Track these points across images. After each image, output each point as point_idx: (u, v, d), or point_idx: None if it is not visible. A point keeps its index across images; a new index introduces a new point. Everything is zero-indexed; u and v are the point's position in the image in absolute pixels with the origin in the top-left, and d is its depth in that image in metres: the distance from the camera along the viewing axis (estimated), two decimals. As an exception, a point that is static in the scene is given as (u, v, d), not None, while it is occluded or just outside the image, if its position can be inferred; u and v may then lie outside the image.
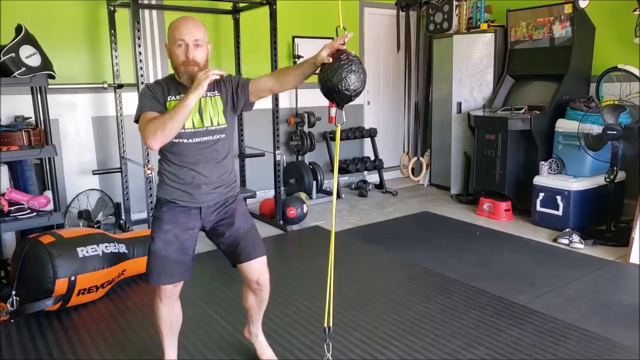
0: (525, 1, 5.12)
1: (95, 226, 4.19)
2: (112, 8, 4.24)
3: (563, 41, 4.78)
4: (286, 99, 5.62)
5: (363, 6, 6.18)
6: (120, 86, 4.35)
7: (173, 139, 1.94)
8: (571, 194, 4.31)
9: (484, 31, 5.36)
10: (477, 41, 5.39)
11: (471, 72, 5.49)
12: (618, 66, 4.51)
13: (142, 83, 3.70)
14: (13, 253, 3.10)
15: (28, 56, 3.29)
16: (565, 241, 4.08)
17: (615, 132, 3.98)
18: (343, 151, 6.18)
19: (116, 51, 4.32)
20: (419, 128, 6.13)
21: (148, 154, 3.77)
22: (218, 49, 4.97)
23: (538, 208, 4.54)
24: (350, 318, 2.86)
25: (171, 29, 1.98)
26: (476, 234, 4.43)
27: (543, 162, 4.57)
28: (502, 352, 2.49)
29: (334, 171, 2.05)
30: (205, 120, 2.02)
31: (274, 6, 4.27)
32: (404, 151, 6.17)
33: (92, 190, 4.41)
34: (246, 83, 2.08)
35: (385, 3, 6.29)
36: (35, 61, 3.32)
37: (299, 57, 5.50)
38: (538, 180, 4.53)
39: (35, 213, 3.35)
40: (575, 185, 4.33)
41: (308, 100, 5.62)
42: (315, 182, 5.53)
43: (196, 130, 1.99)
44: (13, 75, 3.24)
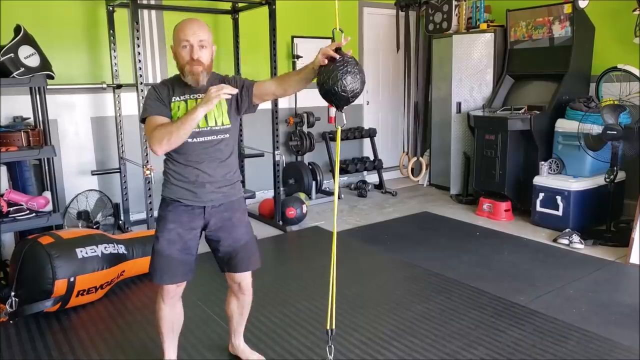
0: (524, 1, 5.12)
1: (94, 227, 4.19)
2: (111, 8, 4.24)
3: (563, 41, 4.78)
4: (285, 99, 5.61)
5: (362, 6, 6.17)
6: (119, 86, 4.35)
7: None
8: (571, 194, 4.31)
9: (484, 31, 5.36)
10: (477, 41, 5.39)
11: (471, 72, 5.49)
12: (618, 66, 4.51)
13: (141, 83, 3.70)
14: (12, 254, 3.09)
15: (27, 56, 3.29)
16: (565, 241, 4.08)
17: (615, 132, 3.98)
18: (342, 151, 6.18)
19: (115, 51, 4.31)
20: (419, 128, 6.13)
21: (147, 155, 3.77)
22: (217, 49, 4.93)
23: (538, 208, 4.53)
24: (349, 319, 2.86)
25: (176, 31, 2.01)
26: (476, 234, 4.43)
27: (543, 162, 4.56)
28: (502, 353, 2.49)
29: (335, 173, 2.04)
30: (209, 120, 2.03)
31: (273, 6, 4.26)
32: (404, 151, 6.17)
33: (91, 190, 4.40)
34: (250, 85, 2.11)
35: (384, 3, 6.29)
36: (34, 61, 3.32)
37: (298, 57, 5.50)
38: (538, 180, 4.53)
39: (34, 214, 3.35)
40: (575, 185, 4.32)
41: (307, 100, 5.62)
42: (314, 183, 5.53)
43: (201, 130, 2.01)
44: (12, 75, 3.23)
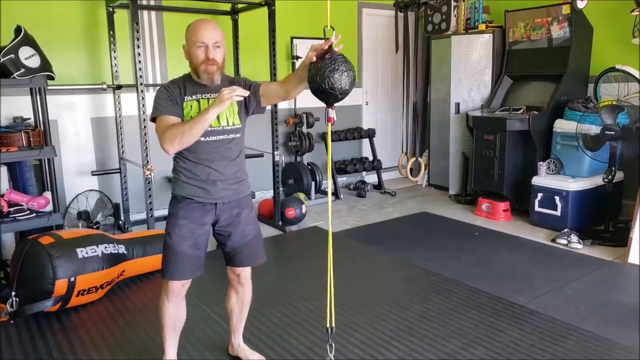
0: (523, 2, 5.13)
1: (94, 227, 4.20)
2: (111, 9, 4.24)
3: (561, 42, 4.79)
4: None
5: (361, 7, 6.19)
6: (119, 87, 4.35)
7: None
8: (569, 194, 4.32)
9: (482, 32, 5.37)
10: (475, 42, 5.41)
11: (469, 73, 5.50)
12: (616, 67, 4.52)
13: (141, 84, 3.71)
14: (13, 254, 3.09)
15: (27, 57, 3.29)
16: (563, 241, 4.09)
17: (613, 133, 4.00)
18: (341, 152, 6.19)
19: (115, 52, 4.32)
20: (418, 128, 6.14)
21: (147, 155, 3.78)
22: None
23: (536, 208, 4.54)
24: (349, 319, 2.87)
25: (190, 32, 2.05)
26: (475, 234, 4.44)
27: (541, 163, 4.58)
28: (502, 353, 2.50)
29: (328, 170, 2.08)
30: (221, 120, 2.09)
31: (273, 7, 4.27)
32: (403, 152, 6.18)
33: (91, 191, 4.41)
34: (257, 87, 2.17)
35: (383, 4, 6.30)
36: (34, 62, 3.33)
37: (298, 58, 5.51)
38: (536, 180, 4.54)
39: (34, 214, 3.36)
40: (573, 185, 4.34)
41: (306, 101, 5.62)
42: (313, 183, 5.54)
43: (213, 129, 2.05)
44: (12, 76, 3.24)
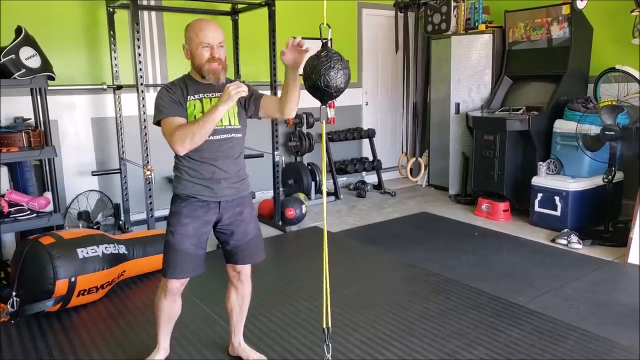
0: (523, 2, 5.14)
1: (94, 227, 4.20)
2: (111, 9, 4.24)
3: (561, 42, 4.80)
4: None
5: (361, 7, 6.19)
6: (119, 87, 4.36)
7: None
8: (569, 195, 4.32)
9: (482, 32, 5.38)
10: (475, 42, 5.41)
11: (469, 73, 5.50)
12: (616, 67, 4.52)
13: (142, 84, 3.71)
14: (13, 254, 3.10)
15: (28, 58, 3.30)
16: (563, 241, 4.09)
17: (613, 133, 4.00)
18: (341, 152, 6.20)
19: (115, 52, 4.32)
20: (418, 129, 6.15)
21: (147, 155, 3.78)
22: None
23: (536, 208, 4.55)
24: (349, 319, 2.87)
25: (192, 32, 2.07)
26: (474, 235, 4.44)
27: (541, 163, 4.58)
28: (502, 353, 2.50)
29: (323, 169, 2.14)
30: (224, 119, 2.11)
31: (273, 7, 4.28)
32: (403, 152, 6.18)
33: (92, 191, 4.42)
34: (259, 96, 2.23)
35: (383, 4, 6.31)
36: (35, 63, 3.33)
37: (298, 58, 5.50)
38: (536, 180, 4.55)
39: (35, 214, 3.36)
40: (573, 185, 4.34)
41: (306, 101, 5.60)
42: (313, 183, 5.54)
43: (217, 128, 2.06)
44: (13, 76, 3.24)
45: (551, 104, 4.67)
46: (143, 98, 3.72)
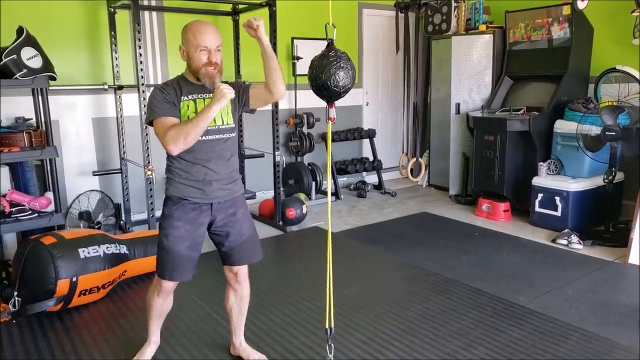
0: (523, 2, 5.14)
1: (95, 227, 4.21)
2: (112, 9, 4.25)
3: (561, 42, 4.80)
4: (285, 100, 5.63)
5: (362, 7, 6.19)
6: (120, 87, 4.36)
7: None
8: (570, 195, 4.33)
9: (483, 32, 5.38)
10: (476, 42, 5.41)
11: (470, 73, 5.51)
12: (616, 67, 4.53)
13: (143, 84, 3.72)
14: (15, 254, 3.10)
15: (29, 58, 3.30)
16: (564, 242, 4.10)
17: (613, 133, 4.00)
18: (342, 152, 6.20)
19: (116, 52, 4.33)
20: (418, 129, 6.15)
21: (148, 155, 3.79)
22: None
23: (537, 209, 4.55)
24: (349, 319, 2.88)
25: (189, 34, 2.06)
26: (475, 235, 4.45)
27: (542, 163, 4.58)
28: (502, 353, 2.51)
29: (328, 169, 2.11)
30: (217, 119, 2.11)
31: (274, 8, 4.28)
32: (403, 152, 6.19)
33: (93, 191, 4.42)
34: (247, 87, 2.21)
35: (384, 4, 6.31)
36: (36, 63, 3.33)
37: (298, 59, 5.51)
38: (537, 181, 4.55)
39: (36, 214, 3.36)
40: (573, 186, 4.34)
41: (307, 101, 5.64)
42: (314, 183, 5.55)
43: (209, 128, 2.06)
44: (14, 77, 3.25)
45: (552, 105, 4.67)
46: (144, 98, 3.72)
